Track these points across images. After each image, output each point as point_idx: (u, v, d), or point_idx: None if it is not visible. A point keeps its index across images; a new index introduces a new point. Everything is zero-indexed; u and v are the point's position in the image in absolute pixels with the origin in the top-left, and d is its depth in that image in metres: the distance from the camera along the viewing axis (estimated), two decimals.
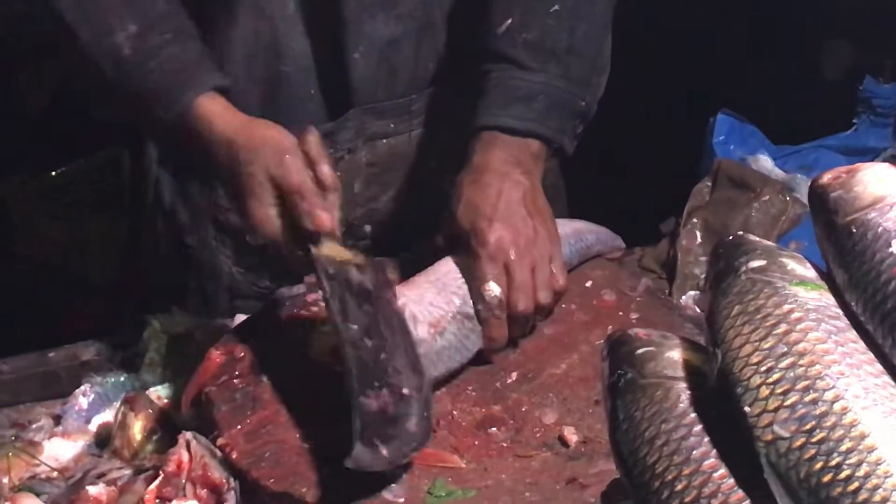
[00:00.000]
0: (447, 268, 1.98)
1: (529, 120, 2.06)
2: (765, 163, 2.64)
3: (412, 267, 2.11)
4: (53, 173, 4.00)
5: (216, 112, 1.99)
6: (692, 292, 2.25)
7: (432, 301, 1.92)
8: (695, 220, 2.35)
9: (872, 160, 2.22)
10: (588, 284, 2.11)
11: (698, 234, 2.33)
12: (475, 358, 1.95)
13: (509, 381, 1.93)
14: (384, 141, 2.27)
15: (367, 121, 2.25)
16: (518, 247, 1.95)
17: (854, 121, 2.89)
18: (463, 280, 1.95)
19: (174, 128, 1.99)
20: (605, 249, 2.24)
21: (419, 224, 2.32)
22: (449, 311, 1.91)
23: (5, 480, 1.88)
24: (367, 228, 2.33)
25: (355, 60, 2.19)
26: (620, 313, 2.05)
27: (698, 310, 2.15)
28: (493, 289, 1.93)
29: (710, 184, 2.44)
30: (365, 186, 2.30)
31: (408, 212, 2.34)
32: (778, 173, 2.60)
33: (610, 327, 1.92)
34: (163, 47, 2.01)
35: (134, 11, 2.02)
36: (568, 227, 2.15)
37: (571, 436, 1.81)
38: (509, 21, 2.11)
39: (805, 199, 2.32)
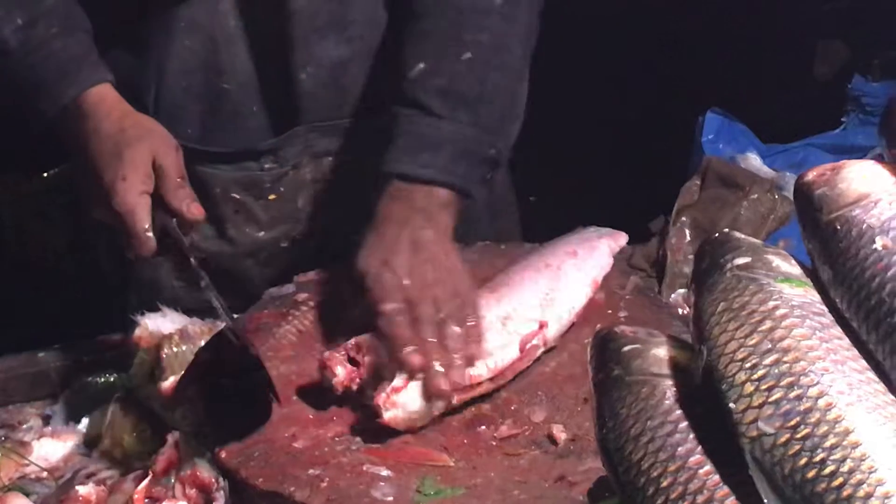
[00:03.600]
0: None
1: (436, 168, 2.02)
2: (754, 161, 2.65)
3: None
4: (46, 174, 3.99)
5: (106, 101, 2.02)
6: (681, 290, 2.25)
7: None
8: (684, 218, 2.35)
9: (860, 159, 2.22)
10: None
11: (687, 232, 2.33)
12: None
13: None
14: (329, 158, 2.26)
15: (312, 139, 2.23)
16: (413, 282, 1.90)
17: (843, 119, 2.90)
18: None
19: (56, 121, 2.03)
20: (613, 249, 2.19)
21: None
22: None
23: None
24: (311, 244, 2.31)
25: (302, 80, 2.17)
26: (609, 311, 2.06)
27: (687, 308, 2.16)
28: (390, 308, 1.86)
29: (699, 182, 2.44)
30: (309, 202, 2.28)
31: (352, 230, 2.33)
32: (767, 172, 2.60)
33: (599, 326, 1.90)
34: (49, 41, 2.03)
35: (21, 4, 2.03)
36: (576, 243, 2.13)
37: (560, 434, 1.81)
38: (421, 65, 2.07)
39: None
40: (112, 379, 2.09)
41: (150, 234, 1.92)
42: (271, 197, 2.26)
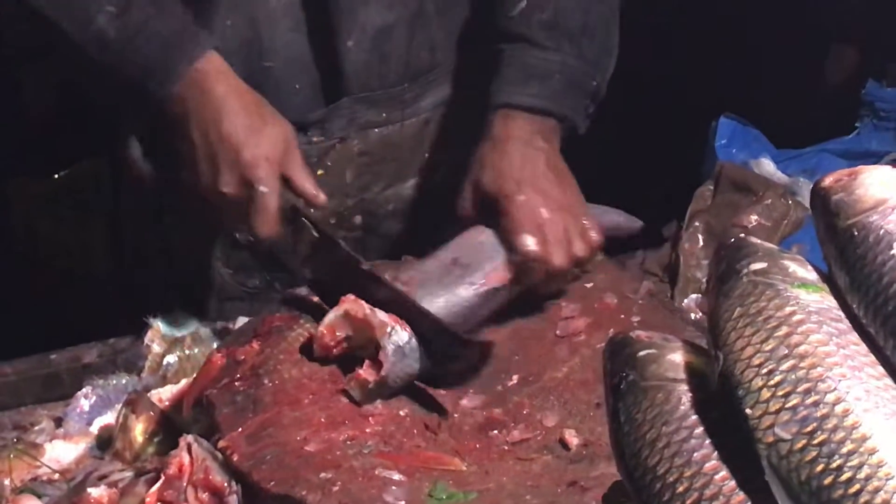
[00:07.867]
0: (453, 250, 2.01)
1: (546, 98, 2.08)
2: (767, 166, 2.64)
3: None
4: (57, 175, 4.00)
5: (222, 70, 2.03)
6: (694, 295, 2.25)
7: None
8: (697, 223, 2.35)
9: (874, 164, 2.21)
10: (589, 286, 2.11)
11: (700, 237, 2.33)
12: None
13: (511, 383, 1.93)
14: (376, 130, 2.28)
15: (359, 110, 2.25)
16: (548, 207, 1.98)
17: (857, 125, 2.89)
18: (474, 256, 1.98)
19: (166, 100, 2.02)
20: (625, 224, 2.25)
21: (411, 216, 2.33)
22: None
23: (7, 482, 1.88)
24: (358, 219, 2.33)
25: (348, 48, 2.19)
26: (622, 316, 2.05)
27: (700, 313, 2.16)
28: (528, 241, 1.96)
29: (712, 187, 2.44)
30: (356, 176, 2.30)
31: (399, 204, 2.34)
32: (780, 177, 2.60)
33: (611, 330, 1.91)
34: (146, 22, 2.03)
35: None
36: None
37: (572, 438, 1.81)
38: (523, 3, 2.13)
39: (807, 203, 2.33)
40: (124, 380, 2.10)
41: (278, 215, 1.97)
42: (319, 172, 2.26)
